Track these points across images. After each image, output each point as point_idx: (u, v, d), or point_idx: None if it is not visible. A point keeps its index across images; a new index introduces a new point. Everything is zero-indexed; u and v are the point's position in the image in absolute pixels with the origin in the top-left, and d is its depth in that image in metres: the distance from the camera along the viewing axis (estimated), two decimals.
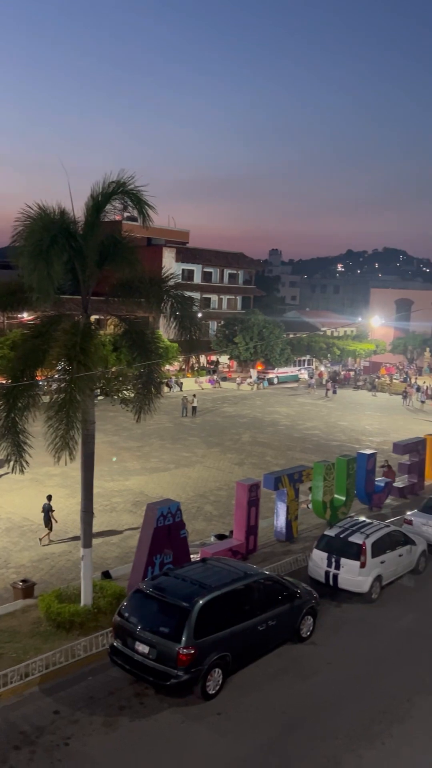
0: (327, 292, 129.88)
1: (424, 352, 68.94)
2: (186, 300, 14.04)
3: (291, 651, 12.87)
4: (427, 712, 11.08)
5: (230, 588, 11.87)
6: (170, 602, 11.29)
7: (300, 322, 76.23)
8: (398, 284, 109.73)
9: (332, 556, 15.49)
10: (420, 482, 24.61)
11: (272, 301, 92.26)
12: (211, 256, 66.56)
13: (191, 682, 10.75)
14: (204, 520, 21.23)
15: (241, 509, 17.36)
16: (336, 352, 62.68)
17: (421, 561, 17.21)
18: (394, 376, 63.42)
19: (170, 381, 48.51)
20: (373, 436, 36.39)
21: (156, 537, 13.92)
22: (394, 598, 15.62)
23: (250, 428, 37.03)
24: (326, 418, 41.62)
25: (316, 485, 19.12)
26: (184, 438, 33.64)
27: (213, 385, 53.28)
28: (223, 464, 28.78)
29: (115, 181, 12.93)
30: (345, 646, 13.28)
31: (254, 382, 54.70)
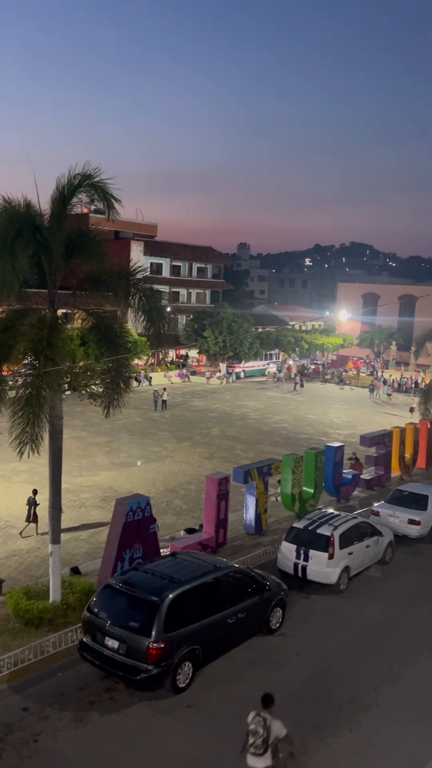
0: (295, 286, 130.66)
1: (390, 345, 69.86)
2: (154, 293, 13.98)
3: (260, 643, 12.98)
4: (394, 700, 11.28)
5: (200, 582, 11.91)
6: (140, 597, 11.28)
7: (269, 316, 76.55)
8: (365, 279, 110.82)
9: (301, 548, 15.64)
10: (386, 474, 24.97)
11: (241, 295, 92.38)
12: (179, 250, 66.35)
13: (161, 675, 10.78)
14: (174, 515, 21.23)
15: (210, 503, 17.40)
16: (304, 346, 63.13)
17: (388, 552, 17.49)
18: (361, 369, 64.16)
19: (139, 375, 48.31)
20: (340, 429, 36.78)
21: (125, 532, 13.88)
22: (361, 589, 15.85)
23: (219, 422, 37.11)
24: (295, 412, 41.92)
25: (285, 478, 19.28)
26: (154, 433, 33.57)
27: (182, 380, 53.23)
28: (192, 458, 28.80)
29: (80, 173, 12.79)
30: (314, 637, 13.44)
31: (223, 376, 54.80)
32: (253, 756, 8.22)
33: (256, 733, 8.19)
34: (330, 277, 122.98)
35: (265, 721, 8.24)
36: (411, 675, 12.10)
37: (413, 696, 11.43)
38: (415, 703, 11.20)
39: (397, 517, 19.05)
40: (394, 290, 75.41)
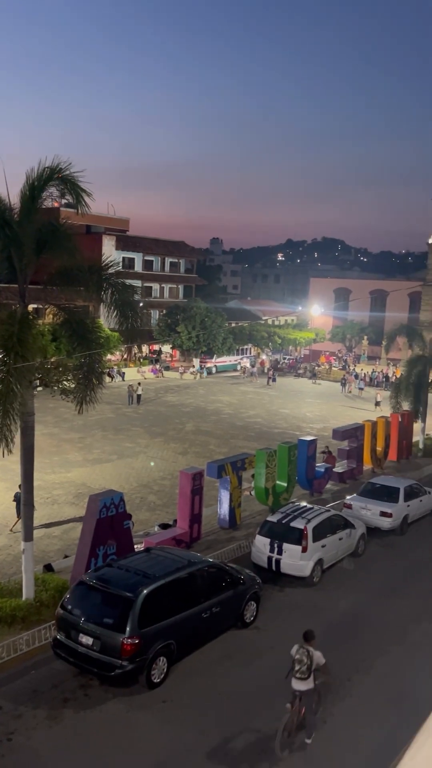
0: (268, 281, 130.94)
1: (362, 340, 70.54)
2: (127, 288, 13.90)
3: (235, 637, 13.03)
4: (367, 690, 11.43)
5: (174, 577, 11.91)
6: (114, 593, 11.25)
7: (242, 311, 76.66)
8: (337, 273, 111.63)
9: (275, 541, 15.73)
10: (359, 467, 25.24)
11: (214, 290, 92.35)
12: (152, 245, 66.06)
13: (136, 671, 10.76)
14: (148, 510, 21.19)
15: (184, 498, 17.41)
16: (277, 341, 63.40)
17: (361, 544, 17.68)
18: (333, 363, 64.67)
19: (112, 371, 48.07)
20: (313, 423, 37.04)
21: (99, 528, 13.81)
22: (335, 581, 16.01)
23: (193, 417, 37.11)
24: (268, 406, 42.10)
25: (259, 472, 19.36)
26: (127, 428, 33.43)
27: (156, 375, 53.09)
28: (166, 454, 28.76)
29: (49, 166, 12.65)
30: (287, 630, 13.52)
31: (197, 371, 54.79)
32: (298, 680, 9.84)
33: (301, 661, 9.82)
34: (302, 272, 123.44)
35: (308, 651, 9.85)
36: (383, 665, 12.27)
37: (386, 686, 11.58)
38: (388, 692, 11.36)
39: (370, 510, 19.26)
40: (365, 285, 76.10)
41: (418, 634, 13.51)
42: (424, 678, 11.70)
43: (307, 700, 9.87)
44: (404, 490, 19.86)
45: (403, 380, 30.70)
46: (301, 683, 9.83)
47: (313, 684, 9.90)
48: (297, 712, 9.81)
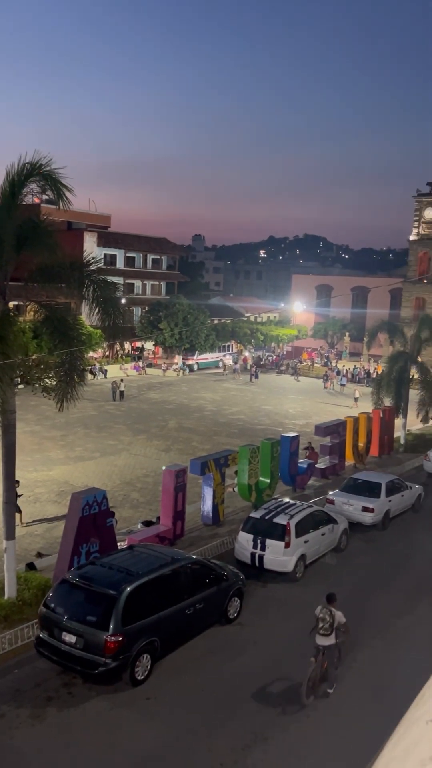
0: (250, 278, 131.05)
1: (343, 336, 70.86)
2: (108, 285, 13.85)
3: (218, 633, 13.07)
4: (350, 683, 11.52)
5: (157, 574, 11.91)
6: (97, 591, 11.22)
7: (224, 308, 76.64)
8: (318, 270, 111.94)
9: (258, 537, 15.78)
10: (341, 463, 25.38)
11: (196, 286, 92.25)
12: (133, 241, 65.79)
13: (120, 669, 10.75)
14: (131, 508, 21.15)
15: (167, 495, 17.40)
16: (260, 338, 63.48)
17: (343, 539, 17.79)
18: (315, 360, 64.90)
19: (94, 368, 47.84)
20: (296, 419, 37.18)
21: (81, 526, 13.77)
22: (317, 577, 16.09)
23: (176, 414, 37.06)
24: (251, 403, 42.17)
25: (242, 469, 19.40)
26: (110, 426, 33.31)
27: (138, 372, 52.92)
28: (149, 451, 28.71)
29: (30, 162, 12.54)
30: (271, 625, 13.60)
31: (180, 368, 54.71)
32: (321, 636, 11.04)
33: (324, 619, 11.02)
34: (284, 268, 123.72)
35: (330, 611, 11.07)
36: (367, 660, 12.36)
37: (368, 679, 11.68)
38: (370, 685, 11.45)
39: (352, 505, 19.38)
40: (346, 282, 76.42)
41: (399, 627, 13.63)
42: (406, 671, 11.82)
43: (329, 654, 11.08)
44: (386, 485, 20.01)
45: (384, 376, 30.90)
46: (323, 639, 11.04)
47: (335, 640, 11.08)
48: (320, 665, 11.01)
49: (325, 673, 11.10)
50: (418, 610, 14.39)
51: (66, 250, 13.79)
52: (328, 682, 11.14)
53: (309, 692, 10.76)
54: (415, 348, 30.97)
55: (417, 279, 65.41)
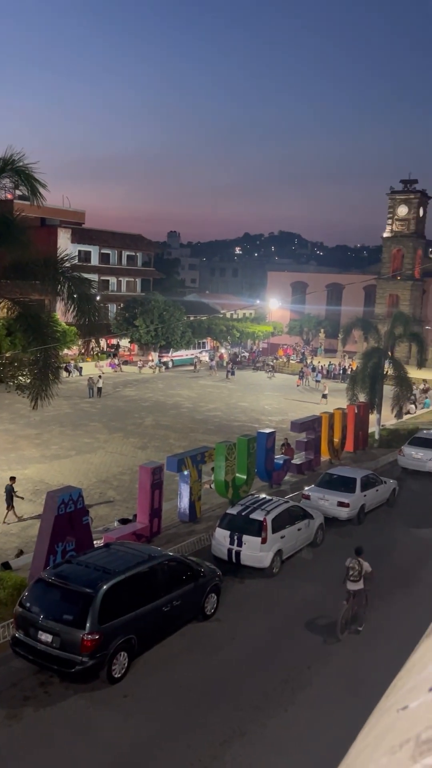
0: (226, 275, 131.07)
1: (318, 333, 71.28)
2: (83, 282, 13.77)
3: (196, 629, 13.08)
4: (327, 677, 11.62)
5: (134, 571, 11.87)
6: (73, 589, 11.16)
7: (200, 305, 76.54)
8: (293, 267, 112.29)
9: (234, 533, 15.82)
10: (316, 458, 25.54)
11: (172, 283, 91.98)
12: (108, 238, 65.38)
13: (97, 667, 10.72)
14: (107, 506, 21.06)
15: (144, 493, 17.35)
16: (236, 335, 63.57)
17: (319, 534, 17.92)
18: (291, 356, 65.20)
19: (69, 366, 47.49)
20: (272, 416, 37.32)
21: (57, 525, 13.67)
22: (294, 572, 16.19)
23: (152, 412, 36.97)
24: (227, 400, 42.23)
25: (219, 465, 19.41)
26: (85, 424, 33.11)
27: (114, 369, 52.66)
28: (125, 449, 28.60)
29: (2, 157, 12.40)
30: (248, 621, 13.66)
31: (156, 365, 54.57)
32: (351, 582, 13.12)
33: (354, 568, 13.10)
34: (259, 265, 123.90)
35: (359, 562, 13.14)
36: (343, 653, 12.48)
37: (345, 672, 11.79)
38: (347, 678, 11.56)
39: (327, 500, 19.52)
40: (321, 279, 76.84)
41: (375, 621, 13.77)
42: (382, 663, 11.95)
43: (359, 598, 13.20)
44: (361, 480, 20.19)
45: (359, 372, 31.16)
46: (353, 585, 13.13)
47: (363, 586, 13.15)
48: (350, 608, 13.06)
49: (355, 614, 13.21)
50: (394, 603, 14.55)
51: (40, 246, 13.71)
52: (357, 621, 13.23)
53: (342, 629, 12.84)
54: (389, 344, 31.28)
55: (390, 276, 66.06)
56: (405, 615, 13.50)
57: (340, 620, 12.81)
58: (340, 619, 12.82)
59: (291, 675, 11.58)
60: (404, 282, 66.24)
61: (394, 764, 0.62)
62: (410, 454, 26.05)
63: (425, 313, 67.22)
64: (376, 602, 14.59)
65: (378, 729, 0.76)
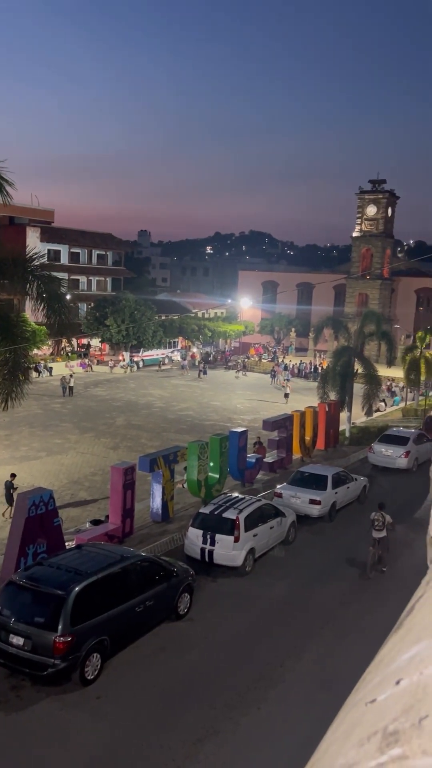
0: (197, 274, 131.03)
1: (289, 332, 71.69)
2: (53, 280, 13.65)
3: (169, 629, 13.06)
4: (299, 674, 11.70)
5: (106, 572, 11.81)
6: (44, 591, 11.06)
7: (171, 304, 76.36)
8: (264, 266, 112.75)
9: (207, 532, 15.83)
10: (288, 456, 25.70)
11: (143, 282, 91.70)
12: (78, 236, 64.86)
13: (69, 669, 10.64)
14: (79, 507, 20.89)
15: (116, 493, 17.26)
16: (207, 334, 63.58)
17: (291, 532, 18.03)
18: (262, 355, 65.45)
19: (39, 366, 47.00)
20: (244, 415, 37.42)
21: (28, 527, 13.54)
22: (266, 569, 16.27)
23: (124, 411, 36.79)
24: (199, 399, 42.22)
25: (191, 465, 19.42)
26: (56, 424, 32.80)
27: (85, 369, 52.26)
28: (97, 449, 28.41)
29: None
30: (221, 620, 13.68)
31: (127, 365, 54.31)
32: (376, 531, 15.83)
33: (378, 520, 15.96)
34: (231, 265, 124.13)
35: (382, 514, 16.00)
36: (315, 650, 12.57)
37: (317, 670, 11.88)
38: (320, 676, 11.66)
39: (299, 498, 19.65)
40: (292, 278, 77.27)
41: (347, 616, 13.92)
42: (354, 659, 12.07)
43: (383, 544, 15.92)
44: (332, 477, 20.37)
45: (329, 371, 31.42)
46: (378, 533, 15.82)
47: (386, 534, 15.88)
48: (376, 552, 15.80)
49: (381, 557, 15.89)
50: (365, 599, 14.73)
51: (8, 245, 13.54)
52: (382, 563, 15.97)
53: (371, 570, 15.70)
54: (359, 343, 31.61)
55: (360, 275, 66.73)
56: (377, 610, 13.67)
57: (369, 562, 15.71)
58: (369, 561, 15.72)
59: (264, 673, 11.64)
60: (373, 281, 66.99)
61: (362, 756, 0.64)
62: (380, 451, 26.37)
63: (394, 312, 68.11)
64: (348, 598, 14.76)
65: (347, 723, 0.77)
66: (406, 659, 0.79)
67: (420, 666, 0.75)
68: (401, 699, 0.70)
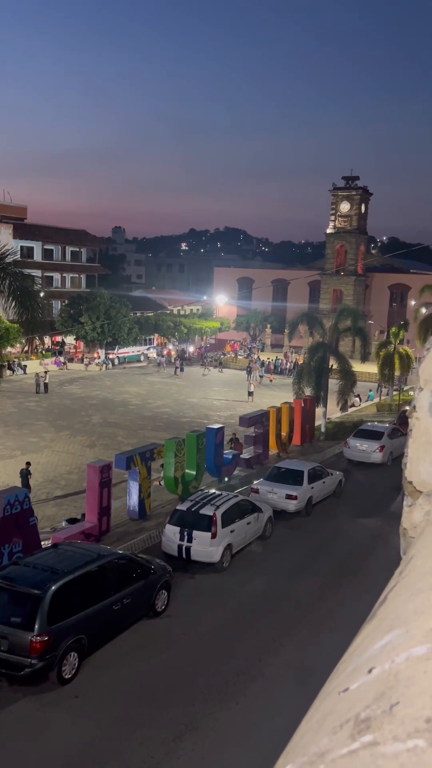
0: (172, 270, 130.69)
1: (265, 328, 71.90)
2: (25, 278, 13.52)
3: (147, 626, 13.05)
4: (277, 669, 11.77)
5: (83, 571, 11.75)
6: (20, 591, 10.97)
7: (147, 301, 76.07)
8: (239, 263, 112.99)
9: (184, 529, 15.83)
10: (264, 452, 25.79)
11: (118, 279, 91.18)
12: (51, 233, 64.32)
13: (46, 669, 10.58)
14: (55, 506, 20.76)
15: (92, 491, 17.17)
16: (183, 330, 63.49)
17: (268, 527, 18.11)
18: (238, 352, 65.55)
19: (12, 364, 46.55)
20: (220, 411, 37.47)
21: (3, 526, 13.42)
22: (244, 565, 16.32)
23: (100, 409, 36.59)
24: (176, 396, 42.16)
25: (168, 462, 19.40)
26: (31, 423, 32.51)
27: (59, 367, 51.85)
28: (73, 447, 28.23)
29: None
30: (199, 616, 13.70)
31: (102, 362, 54.01)
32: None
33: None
34: (206, 261, 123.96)
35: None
36: (292, 644, 12.65)
37: (295, 664, 11.96)
38: (297, 668, 11.73)
39: (276, 493, 19.75)
40: (267, 274, 77.54)
41: (324, 610, 14.03)
42: (329, 652, 12.19)
43: None
44: (308, 472, 20.49)
45: (305, 367, 31.59)
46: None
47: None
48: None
49: None
50: (341, 592, 14.85)
51: None
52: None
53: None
54: (334, 338, 31.82)
55: (334, 271, 67.17)
56: (353, 603, 13.79)
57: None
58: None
59: (242, 668, 11.68)
60: (348, 277, 67.48)
61: (335, 744, 0.64)
62: (355, 446, 26.60)
63: (368, 308, 68.68)
64: (325, 592, 14.88)
65: (320, 712, 0.78)
66: (378, 648, 0.80)
67: (392, 654, 0.75)
68: (373, 687, 0.71)
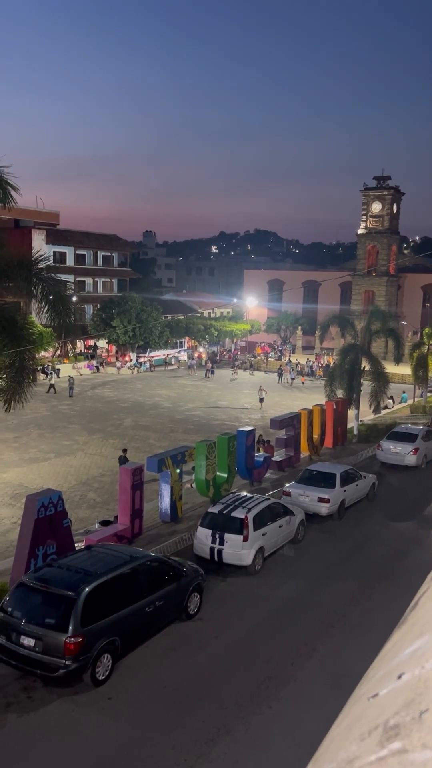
0: (203, 274, 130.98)
1: (296, 330, 71.59)
2: (58, 283, 13.69)
3: (179, 629, 13.07)
4: (309, 673, 11.68)
5: (116, 573, 11.83)
6: (55, 592, 11.09)
7: (177, 304, 76.43)
8: (269, 265, 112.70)
9: (216, 532, 15.82)
10: (296, 455, 25.66)
11: (149, 283, 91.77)
12: (83, 238, 65.06)
13: (80, 670, 10.66)
14: (88, 508, 20.95)
15: (125, 494, 17.28)
16: (214, 333, 63.60)
17: (300, 530, 18.00)
18: (269, 354, 65.40)
19: (46, 368, 47.16)
20: (251, 414, 37.40)
21: (37, 528, 13.57)
22: (276, 568, 16.25)
23: (132, 412, 36.85)
24: (206, 399, 42.24)
25: (199, 464, 19.42)
26: (64, 426, 32.90)
27: (92, 370, 52.39)
28: (105, 450, 28.47)
29: None
30: (231, 619, 13.68)
31: (134, 365, 54.40)
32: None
33: None
34: (236, 264, 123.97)
35: None
36: (324, 648, 12.55)
37: (328, 668, 11.86)
38: (330, 674, 11.63)
39: (308, 496, 19.62)
40: (297, 276, 77.18)
41: (357, 615, 13.89)
42: (363, 657, 12.05)
43: None
44: (340, 475, 20.32)
45: (336, 368, 31.36)
46: None
47: None
48: None
49: None
50: (375, 597, 14.68)
51: (13, 248, 13.60)
52: None
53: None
54: (366, 340, 31.53)
55: (366, 272, 66.58)
56: (386, 607, 13.63)
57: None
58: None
59: (274, 672, 11.63)
60: (379, 278, 66.81)
61: (363, 751, 0.63)
62: (388, 449, 26.29)
63: (400, 309, 67.88)
64: (357, 596, 14.73)
65: (350, 718, 0.77)
66: (408, 653, 0.79)
67: (422, 660, 0.75)
68: (402, 693, 0.70)
